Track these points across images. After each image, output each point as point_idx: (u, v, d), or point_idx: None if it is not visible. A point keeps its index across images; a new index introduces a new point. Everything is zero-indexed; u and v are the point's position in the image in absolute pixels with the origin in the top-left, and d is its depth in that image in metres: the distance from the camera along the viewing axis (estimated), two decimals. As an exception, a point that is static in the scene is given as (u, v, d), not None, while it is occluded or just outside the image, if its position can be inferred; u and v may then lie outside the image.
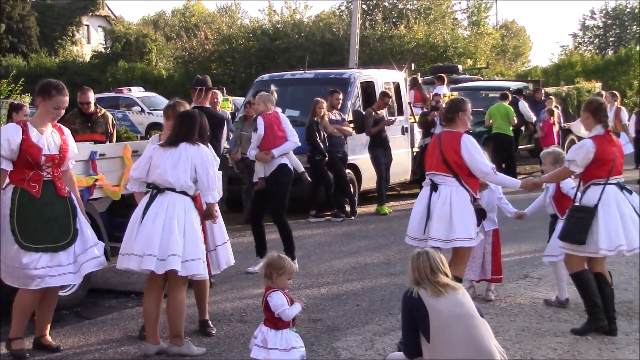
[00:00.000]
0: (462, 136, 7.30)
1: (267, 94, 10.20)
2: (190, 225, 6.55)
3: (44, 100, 6.56)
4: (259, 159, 10.00)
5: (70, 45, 53.39)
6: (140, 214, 6.56)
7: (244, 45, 38.90)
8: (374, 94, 15.67)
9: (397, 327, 7.14)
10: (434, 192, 7.16)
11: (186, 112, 7.02)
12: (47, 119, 6.62)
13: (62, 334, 7.33)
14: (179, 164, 6.59)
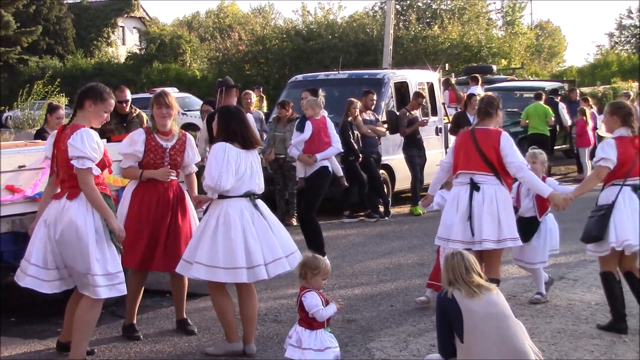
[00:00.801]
0: (502, 133, 7.31)
1: (315, 99, 10.60)
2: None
3: (95, 103, 6.39)
4: (301, 161, 10.30)
5: (106, 46, 53.90)
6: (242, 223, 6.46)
7: (277, 46, 39.00)
8: (407, 95, 15.63)
9: (432, 328, 7.12)
10: (476, 191, 7.12)
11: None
12: (95, 122, 6.49)
13: (97, 332, 7.38)
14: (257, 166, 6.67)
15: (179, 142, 7.30)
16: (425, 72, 17.42)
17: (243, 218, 6.45)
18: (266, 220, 6.59)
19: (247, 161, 6.54)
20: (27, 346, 7.06)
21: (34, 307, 8.54)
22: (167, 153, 7.21)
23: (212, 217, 6.50)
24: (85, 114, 6.41)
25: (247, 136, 6.59)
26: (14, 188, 7.47)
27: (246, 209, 6.49)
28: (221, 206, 6.47)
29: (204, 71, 43.44)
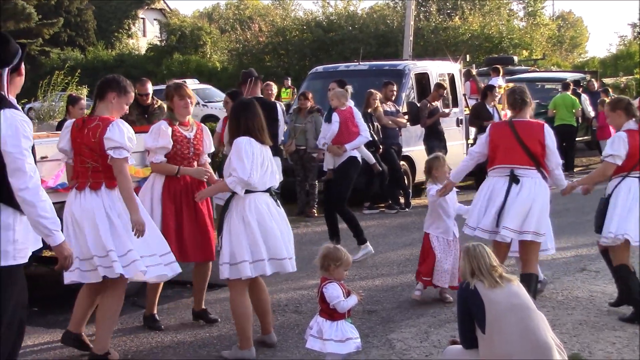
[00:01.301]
0: (545, 126, 7.29)
1: (341, 90, 10.60)
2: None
3: (119, 96, 6.43)
4: (331, 152, 10.34)
5: (127, 38, 54.07)
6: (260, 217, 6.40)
7: (297, 38, 38.97)
8: (428, 86, 15.59)
9: (452, 319, 7.12)
10: (515, 184, 7.09)
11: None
12: (117, 114, 6.50)
13: (119, 322, 7.41)
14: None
15: (197, 132, 7.33)
16: (446, 63, 17.37)
17: (271, 212, 6.42)
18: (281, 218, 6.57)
19: (266, 156, 6.47)
20: (50, 335, 7.12)
21: (55, 298, 8.60)
22: (191, 143, 7.24)
23: (242, 213, 6.36)
24: (107, 105, 6.43)
25: (259, 131, 6.45)
26: (37, 179, 7.50)
27: (271, 204, 6.46)
28: (249, 201, 6.35)
29: (224, 63, 43.47)
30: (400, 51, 28.49)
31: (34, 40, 46.19)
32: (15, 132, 4.82)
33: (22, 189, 4.78)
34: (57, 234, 4.87)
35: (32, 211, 4.80)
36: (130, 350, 6.69)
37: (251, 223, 6.32)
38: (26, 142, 4.86)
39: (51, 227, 4.83)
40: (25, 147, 4.84)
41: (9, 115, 4.85)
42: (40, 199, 4.80)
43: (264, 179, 6.40)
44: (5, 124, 4.82)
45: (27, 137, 4.87)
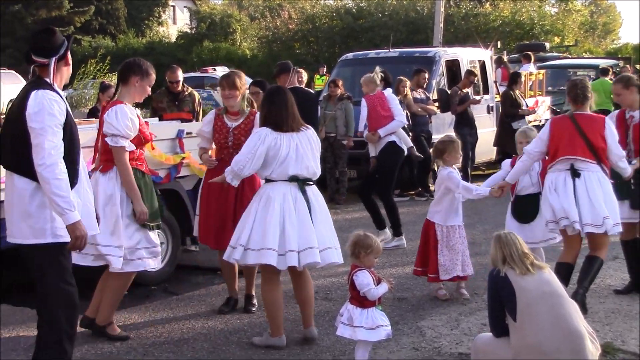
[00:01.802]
0: (606, 119, 7.27)
1: (370, 75, 10.49)
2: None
3: (141, 79, 6.53)
4: (367, 140, 10.41)
5: (157, 26, 54.21)
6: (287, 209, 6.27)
7: (327, 25, 38.91)
8: (459, 73, 15.51)
9: (483, 307, 7.08)
10: (577, 178, 7.06)
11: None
12: (139, 97, 6.64)
13: (151, 308, 7.47)
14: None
15: (245, 122, 7.19)
16: (477, 50, 17.25)
17: (285, 202, 6.23)
18: (311, 208, 6.32)
19: (291, 144, 6.28)
20: (82, 321, 7.17)
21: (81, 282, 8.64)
22: (231, 132, 7.17)
23: (255, 200, 6.39)
24: (130, 89, 6.55)
25: (282, 119, 6.33)
26: (68, 166, 7.56)
27: (290, 193, 6.26)
28: (264, 190, 6.34)
29: (254, 50, 43.51)
30: (430, 38, 28.33)
31: (65, 28, 46.48)
32: (41, 109, 4.92)
33: (39, 165, 4.86)
34: (70, 213, 4.89)
35: (47, 187, 4.87)
36: (161, 336, 6.73)
37: (252, 211, 6.31)
38: (50, 119, 4.92)
39: (64, 205, 4.87)
40: (49, 124, 4.90)
41: (40, 94, 4.98)
42: (55, 177, 4.84)
43: (282, 168, 6.24)
44: (34, 102, 4.95)
45: (52, 115, 4.93)
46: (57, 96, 5.03)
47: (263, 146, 6.20)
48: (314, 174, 6.40)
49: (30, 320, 7.11)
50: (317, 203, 6.39)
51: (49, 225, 5.00)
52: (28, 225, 5.02)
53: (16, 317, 7.28)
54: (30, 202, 5.01)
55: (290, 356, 6.22)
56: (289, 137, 6.29)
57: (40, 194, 4.97)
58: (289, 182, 6.28)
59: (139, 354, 6.28)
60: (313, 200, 6.35)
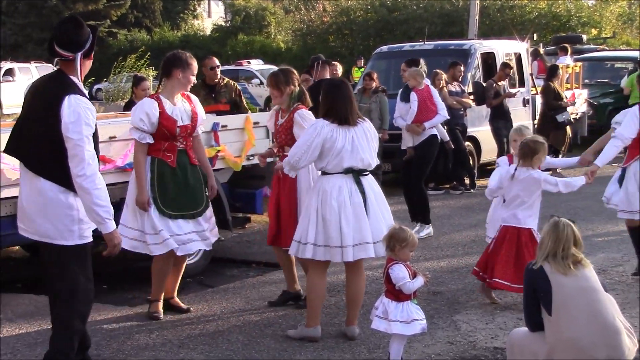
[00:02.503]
0: None
1: (416, 69, 10.63)
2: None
3: (183, 71, 6.64)
4: (410, 130, 10.45)
5: (192, 19, 54.42)
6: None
7: (362, 17, 38.83)
8: (494, 65, 15.40)
9: (518, 301, 7.04)
10: None
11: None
12: (181, 89, 6.74)
13: (186, 300, 7.52)
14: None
15: (287, 119, 7.13)
16: (513, 42, 17.10)
17: (340, 195, 6.26)
18: (366, 200, 6.33)
19: (347, 136, 6.27)
20: (119, 312, 7.24)
21: (123, 275, 8.75)
22: (278, 130, 7.18)
23: (313, 195, 6.41)
24: (173, 82, 6.68)
25: (341, 112, 6.32)
26: (105, 159, 7.63)
27: (345, 185, 6.29)
28: (320, 183, 6.36)
29: (288, 43, 43.55)
30: (465, 30, 28.17)
31: (101, 21, 46.86)
32: (78, 119, 4.93)
33: (80, 176, 4.90)
34: (109, 222, 4.99)
35: (88, 198, 4.93)
36: (197, 328, 6.77)
37: (312, 206, 6.33)
38: (87, 129, 4.95)
39: (104, 215, 4.96)
40: (87, 134, 4.95)
41: (74, 102, 4.95)
42: (96, 187, 4.92)
43: (337, 160, 6.25)
44: (69, 110, 4.93)
45: (88, 125, 4.96)
46: (89, 103, 5.05)
47: (319, 138, 6.22)
48: (369, 165, 6.41)
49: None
50: (372, 194, 6.41)
51: (76, 227, 5.07)
52: (54, 226, 5.06)
53: (54, 308, 7.36)
54: (57, 205, 5.04)
55: (325, 349, 6.23)
56: (345, 130, 6.30)
57: (67, 197, 5.04)
58: (344, 174, 6.31)
59: (174, 346, 6.32)
60: (369, 191, 6.37)
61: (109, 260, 8.04)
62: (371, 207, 6.33)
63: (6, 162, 6.82)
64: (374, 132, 6.52)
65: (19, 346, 6.34)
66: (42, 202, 5.06)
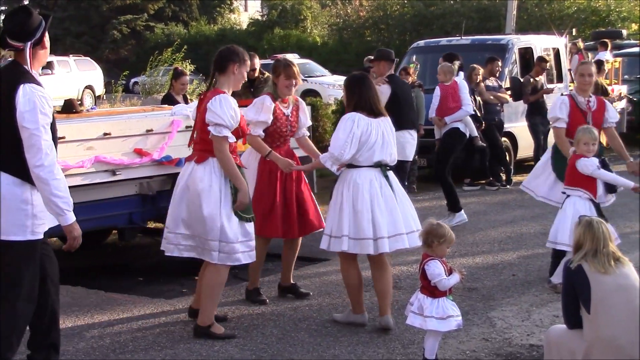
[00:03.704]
0: None
1: (449, 65, 11.27)
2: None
3: (240, 66, 6.36)
4: (434, 122, 11.27)
5: (228, 13, 54.49)
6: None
7: (398, 12, 38.64)
8: (532, 61, 15.27)
9: (555, 298, 7.00)
10: None
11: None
12: (237, 85, 6.46)
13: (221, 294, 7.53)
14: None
15: (294, 108, 7.22)
16: (551, 37, 16.96)
17: (372, 188, 6.33)
18: (394, 192, 6.43)
19: (379, 130, 6.36)
20: (155, 305, 7.28)
21: (159, 268, 8.81)
22: (289, 121, 7.17)
23: (342, 187, 6.43)
24: (229, 77, 6.34)
25: (373, 104, 6.41)
26: (142, 152, 7.69)
27: (376, 179, 6.37)
28: (350, 175, 6.38)
29: (324, 37, 43.46)
30: (502, 25, 27.93)
31: (139, 15, 47.17)
32: (33, 108, 4.78)
33: (38, 166, 4.76)
34: (68, 214, 4.85)
35: (46, 189, 4.79)
36: (231, 321, 6.79)
37: (344, 199, 6.36)
38: (44, 118, 4.81)
39: (63, 206, 4.83)
40: (43, 123, 4.79)
41: (29, 91, 4.81)
42: (54, 177, 4.78)
43: (370, 153, 6.33)
44: (23, 99, 4.79)
45: (44, 114, 4.82)
46: (45, 91, 4.89)
47: (358, 130, 6.27)
48: (394, 160, 6.53)
49: (104, 304, 7.28)
50: (398, 187, 6.53)
51: (30, 222, 4.89)
52: (7, 220, 4.86)
53: (90, 299, 7.43)
54: (12, 198, 4.85)
55: (359, 344, 6.22)
56: (377, 123, 6.39)
57: (23, 191, 4.86)
58: (373, 167, 6.39)
59: (208, 339, 6.34)
60: (395, 185, 6.49)
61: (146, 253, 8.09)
62: (400, 199, 6.46)
63: None
64: (393, 128, 6.60)
65: (56, 337, 6.39)
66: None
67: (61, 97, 23.87)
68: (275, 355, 6.02)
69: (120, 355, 6.01)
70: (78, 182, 7.24)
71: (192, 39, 43.98)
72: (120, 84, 30.21)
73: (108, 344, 6.23)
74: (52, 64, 33.02)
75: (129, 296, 7.64)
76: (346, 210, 6.33)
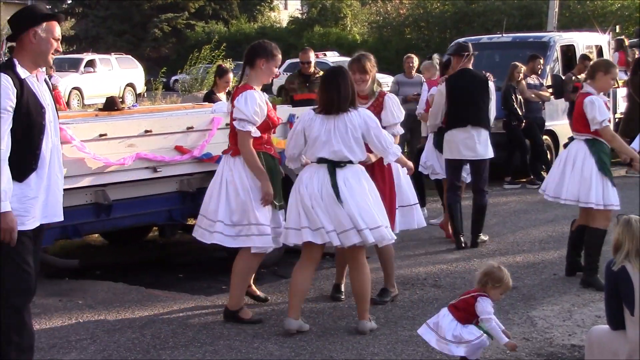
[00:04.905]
0: None
1: (429, 62, 11.49)
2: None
3: (267, 61, 6.57)
4: (421, 119, 10.96)
5: (268, 11, 54.65)
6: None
7: (438, 9, 38.49)
8: (574, 58, 15.12)
9: (597, 298, 6.92)
10: None
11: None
12: (266, 79, 6.67)
13: (260, 291, 7.56)
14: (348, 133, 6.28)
15: (374, 104, 7.03)
16: (594, 34, 16.75)
17: (310, 183, 6.25)
18: (344, 189, 6.20)
19: (325, 127, 6.25)
20: (195, 301, 7.31)
21: (199, 264, 8.85)
22: None
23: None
24: (257, 72, 6.59)
25: (325, 100, 6.28)
26: (183, 149, 7.73)
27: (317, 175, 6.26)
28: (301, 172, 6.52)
29: (364, 35, 43.42)
30: (544, 22, 27.69)
31: (180, 14, 47.48)
32: None
33: None
34: (2, 203, 4.61)
35: None
36: (270, 318, 6.80)
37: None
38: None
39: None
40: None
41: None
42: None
43: (312, 150, 6.33)
44: None
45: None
46: (4, 79, 4.72)
47: (300, 125, 6.46)
48: (339, 157, 6.26)
49: (145, 300, 7.33)
50: (354, 185, 6.27)
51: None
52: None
53: (131, 295, 7.48)
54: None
55: (398, 342, 6.20)
56: (323, 120, 6.29)
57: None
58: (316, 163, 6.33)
59: (248, 336, 6.36)
60: (342, 181, 6.25)
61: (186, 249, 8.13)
62: (351, 196, 6.22)
63: (87, 152, 6.96)
64: (359, 122, 6.29)
65: (98, 332, 6.45)
66: None
67: (103, 94, 24.18)
68: (314, 353, 6.02)
69: (160, 351, 6.05)
70: (119, 179, 7.31)
71: (233, 37, 44.18)
72: (160, 82, 30.40)
73: (149, 340, 6.27)
74: (94, 62, 33.42)
75: (169, 292, 7.68)
76: (291, 203, 6.39)
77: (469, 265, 8.42)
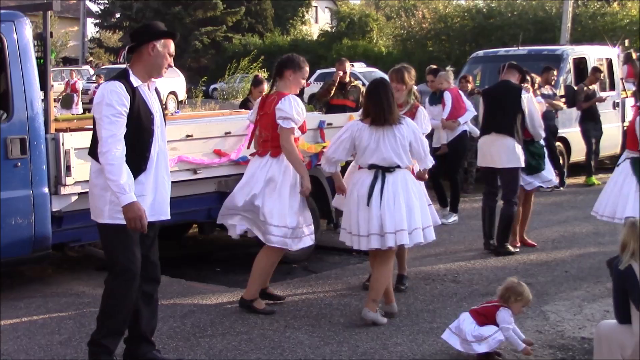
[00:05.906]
0: None
1: (445, 72, 11.40)
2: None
3: (294, 72, 6.65)
4: (446, 127, 10.90)
5: (300, 25, 54.76)
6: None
7: (459, 24, 38.38)
8: (586, 70, 15.02)
9: (606, 294, 6.87)
10: None
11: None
12: (295, 89, 6.72)
13: (292, 285, 7.59)
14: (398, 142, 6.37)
15: (407, 114, 6.99)
16: (604, 48, 16.63)
17: (362, 188, 6.33)
18: (393, 193, 6.29)
19: (373, 137, 6.32)
20: (231, 294, 7.34)
21: (236, 259, 8.89)
22: None
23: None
24: (285, 82, 6.68)
25: (375, 113, 6.34)
26: (221, 152, 7.78)
27: (367, 179, 6.35)
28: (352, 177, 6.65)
29: (389, 47, 43.37)
30: (557, 37, 27.55)
31: (219, 27, 47.69)
32: (100, 100, 4.88)
33: (99, 152, 4.87)
34: (121, 196, 4.81)
35: (105, 172, 4.85)
36: (301, 310, 6.82)
37: None
38: (108, 109, 4.84)
39: (115, 188, 4.81)
40: (106, 114, 4.83)
41: (102, 86, 4.98)
42: (108, 162, 4.80)
43: (364, 158, 6.44)
44: (98, 93, 4.95)
45: (110, 105, 4.84)
46: (116, 85, 4.91)
47: (348, 133, 6.52)
48: (389, 164, 6.36)
49: (186, 291, 7.37)
50: (401, 189, 6.36)
51: (107, 208, 4.97)
52: (92, 204, 5.09)
53: (173, 287, 7.53)
54: (95, 184, 5.05)
55: (420, 333, 6.19)
56: (372, 130, 6.37)
57: (102, 177, 4.93)
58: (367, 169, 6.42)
59: (280, 326, 6.38)
60: (394, 186, 6.35)
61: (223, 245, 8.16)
62: (401, 199, 6.31)
63: None
64: (408, 132, 6.38)
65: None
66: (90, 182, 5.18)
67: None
68: (341, 342, 6.03)
69: (200, 339, 6.09)
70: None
71: (267, 48, 44.29)
72: (200, 90, 30.52)
73: (189, 328, 6.32)
74: (140, 71, 33.58)
75: (207, 285, 7.73)
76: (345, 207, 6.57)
77: (485, 262, 8.40)
